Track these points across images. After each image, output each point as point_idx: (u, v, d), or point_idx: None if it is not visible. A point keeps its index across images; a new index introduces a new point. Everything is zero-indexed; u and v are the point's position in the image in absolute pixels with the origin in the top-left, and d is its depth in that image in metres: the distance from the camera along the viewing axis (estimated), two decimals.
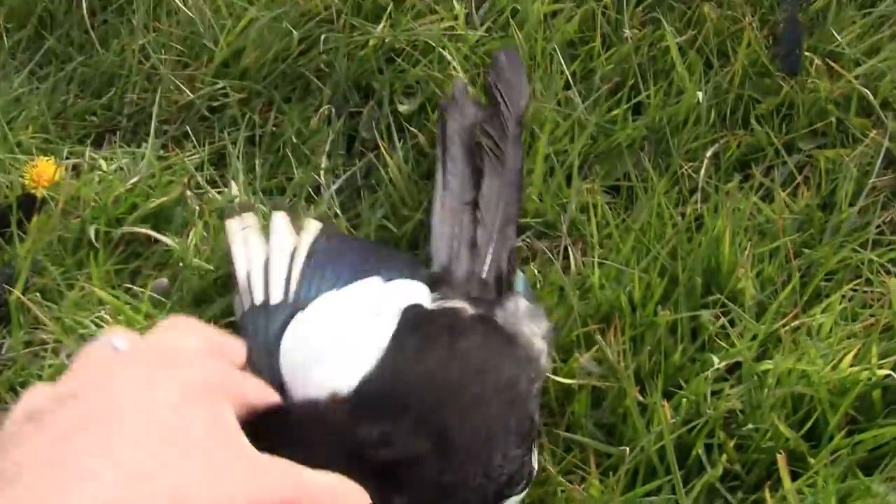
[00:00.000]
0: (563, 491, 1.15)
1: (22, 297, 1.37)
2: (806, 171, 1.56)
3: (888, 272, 1.42)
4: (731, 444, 1.20)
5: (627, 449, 1.18)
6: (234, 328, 1.27)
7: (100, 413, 0.68)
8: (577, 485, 1.16)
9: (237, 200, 1.53)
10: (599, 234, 1.44)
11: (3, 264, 1.47)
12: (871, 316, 1.34)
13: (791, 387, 1.23)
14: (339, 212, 1.53)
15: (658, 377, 1.26)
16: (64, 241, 1.51)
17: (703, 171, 1.53)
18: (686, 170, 1.54)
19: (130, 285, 1.42)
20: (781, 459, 1.14)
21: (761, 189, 1.53)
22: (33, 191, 1.55)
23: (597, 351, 1.29)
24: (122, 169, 1.62)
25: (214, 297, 1.39)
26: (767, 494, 1.13)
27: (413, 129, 1.58)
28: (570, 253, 1.42)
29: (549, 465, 1.18)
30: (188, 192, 1.54)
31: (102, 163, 1.63)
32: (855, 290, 1.39)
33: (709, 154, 1.56)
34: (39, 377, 1.30)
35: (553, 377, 1.26)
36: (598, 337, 1.29)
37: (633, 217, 1.46)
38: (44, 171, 1.58)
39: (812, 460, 1.18)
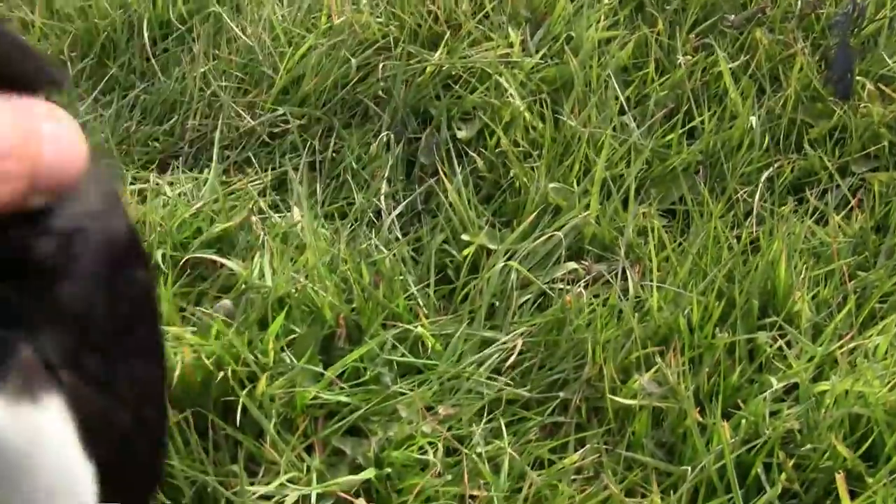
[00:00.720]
0: None
1: None
2: (859, 194, 1.59)
3: None
4: (790, 463, 1.22)
5: (689, 468, 1.20)
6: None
7: None
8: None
9: (300, 226, 1.56)
10: (657, 257, 1.46)
11: None
12: None
13: (848, 408, 1.25)
14: (399, 235, 1.55)
15: (717, 398, 1.28)
16: None
17: (757, 195, 1.56)
18: (741, 194, 1.56)
19: (196, 309, 1.44)
20: (840, 479, 1.16)
21: (815, 213, 1.55)
22: None
23: (656, 372, 1.31)
24: (185, 194, 1.65)
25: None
26: None
27: (472, 153, 1.61)
28: (629, 276, 1.44)
29: (612, 484, 1.20)
30: (253, 217, 1.57)
31: (167, 188, 1.66)
32: None
33: (763, 178, 1.58)
34: None
35: (613, 398, 1.29)
36: (658, 358, 1.31)
37: (690, 241, 1.49)
38: None
39: (870, 480, 1.19)
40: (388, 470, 1.24)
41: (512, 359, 1.36)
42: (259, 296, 1.44)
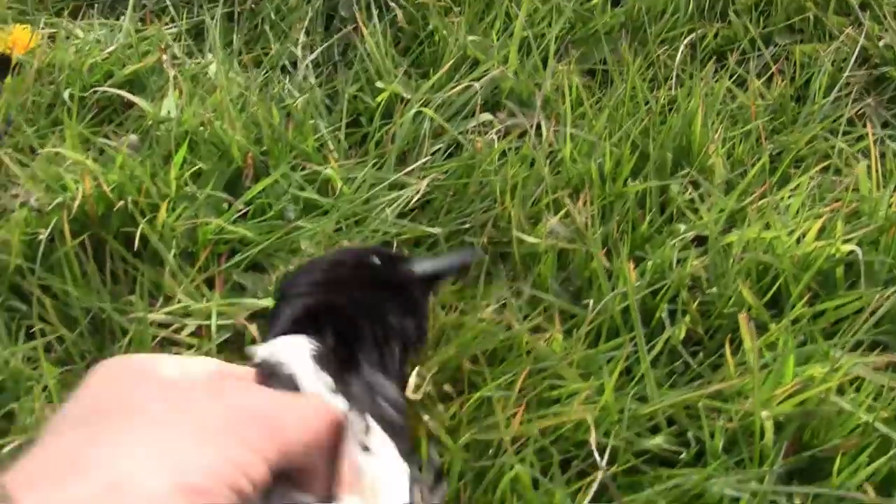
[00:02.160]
0: (527, 343, 1.15)
1: None
2: (781, 63, 1.57)
3: (857, 161, 1.42)
4: (695, 305, 1.21)
5: (592, 301, 1.18)
6: None
7: None
8: (541, 341, 1.16)
9: (212, 68, 1.53)
10: (573, 112, 1.44)
11: None
12: (837, 200, 1.35)
13: (756, 253, 1.23)
14: (313, 83, 1.53)
15: (624, 245, 1.27)
16: (38, 105, 1.50)
17: (678, 59, 1.54)
18: (662, 57, 1.55)
19: (102, 144, 1.41)
20: (743, 318, 1.14)
21: (735, 78, 1.54)
22: (8, 53, 1.55)
23: (565, 217, 1.29)
24: (99, 41, 1.61)
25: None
26: (728, 352, 1.13)
27: (392, 4, 1.58)
28: (543, 128, 1.42)
29: (515, 321, 1.18)
30: (164, 58, 1.53)
31: (79, 32, 1.63)
32: (823, 174, 1.40)
33: (685, 42, 1.56)
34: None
35: (521, 236, 1.27)
36: (567, 200, 1.29)
37: (608, 96, 1.47)
38: (19, 38, 1.59)
39: (774, 326, 1.18)
40: None
41: (418, 199, 1.34)
42: (165, 131, 1.41)
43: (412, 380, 1.07)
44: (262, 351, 0.86)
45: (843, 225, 1.27)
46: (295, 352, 0.85)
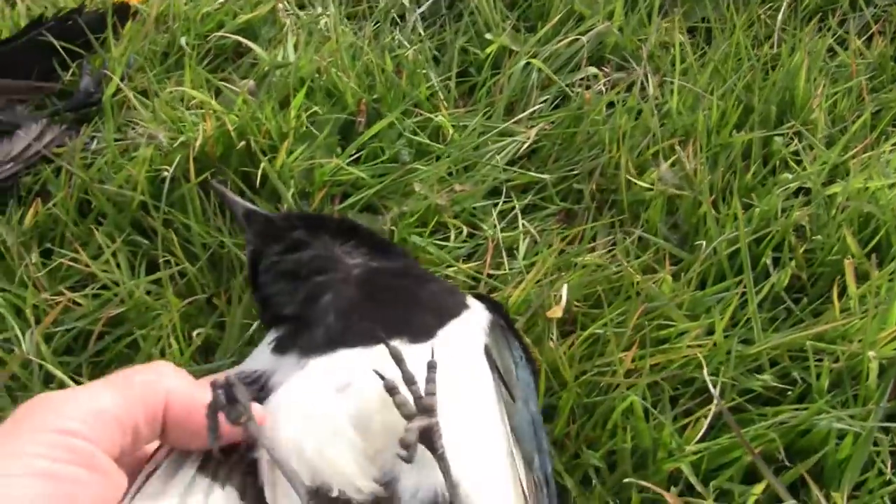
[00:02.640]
0: (637, 283, 1.19)
1: (122, 84, 1.42)
2: (881, 24, 1.60)
3: None
4: (801, 250, 1.24)
5: (704, 243, 1.21)
6: None
7: None
8: (650, 282, 1.20)
9: (324, 20, 1.57)
10: (678, 66, 1.47)
11: (99, 66, 1.52)
12: None
13: (859, 203, 1.26)
14: (423, 35, 1.57)
15: (731, 194, 1.30)
16: (154, 53, 1.55)
17: (780, 17, 1.57)
18: (763, 15, 1.57)
19: (221, 86, 1.46)
20: (849, 264, 1.18)
21: (836, 37, 1.56)
22: (126, 1, 1.60)
23: (673, 165, 1.33)
24: None
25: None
26: (835, 296, 1.17)
27: None
28: (649, 81, 1.46)
29: (625, 261, 1.22)
30: (280, 6, 1.58)
31: None
32: None
33: (787, 1, 1.59)
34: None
35: (632, 179, 1.31)
36: (678, 148, 1.33)
37: (711, 51, 1.50)
38: None
39: (876, 273, 1.21)
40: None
41: (527, 148, 1.38)
42: (282, 77, 1.46)
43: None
44: None
45: None
46: None
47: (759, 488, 1.00)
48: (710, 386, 1.04)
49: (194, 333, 1.15)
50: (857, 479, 1.02)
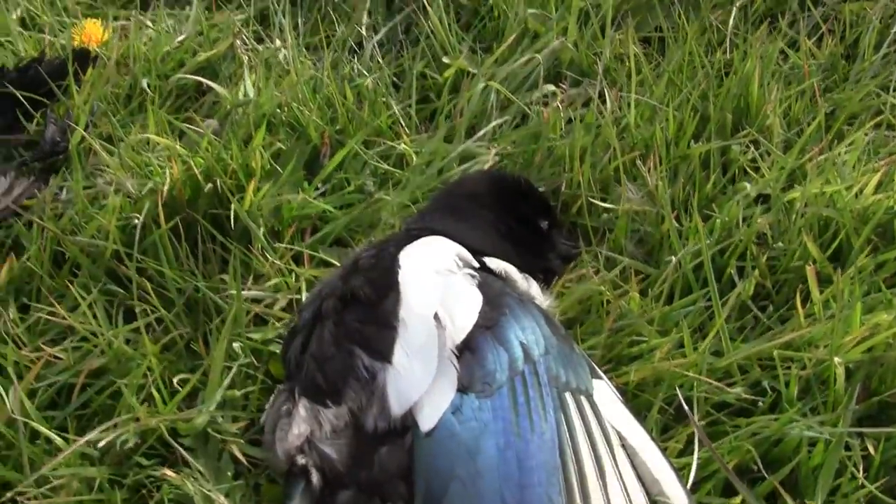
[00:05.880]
0: (607, 301, 1.21)
1: (86, 134, 1.44)
2: (830, 23, 1.62)
3: None
4: (763, 258, 1.26)
5: (674, 259, 1.24)
6: None
7: None
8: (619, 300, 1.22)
9: (283, 53, 1.59)
10: (634, 78, 1.49)
11: (63, 115, 1.53)
12: (892, 154, 1.40)
13: (818, 208, 1.29)
14: (381, 62, 1.59)
15: (692, 205, 1.32)
16: (117, 97, 1.57)
17: (731, 22, 1.59)
18: (715, 20, 1.60)
19: (185, 129, 1.47)
20: (811, 270, 1.20)
21: (787, 39, 1.59)
22: (86, 46, 1.62)
23: (635, 180, 1.35)
24: (168, 31, 1.68)
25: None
26: (799, 303, 1.19)
27: None
28: (606, 96, 1.48)
29: (594, 277, 1.24)
30: (238, 42, 1.60)
31: (149, 23, 1.69)
32: (877, 130, 1.45)
33: (737, 5, 1.61)
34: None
35: (595, 201, 1.33)
36: (639, 162, 1.36)
37: (666, 61, 1.53)
38: (92, 32, 1.65)
39: (838, 278, 1.24)
40: None
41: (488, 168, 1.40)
42: (244, 114, 1.48)
43: None
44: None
45: None
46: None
47: (737, 501, 1.02)
48: (685, 404, 1.07)
49: (175, 380, 1.17)
50: (830, 485, 1.05)
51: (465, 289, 1.03)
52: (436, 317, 0.99)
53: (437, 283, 1.03)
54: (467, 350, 0.97)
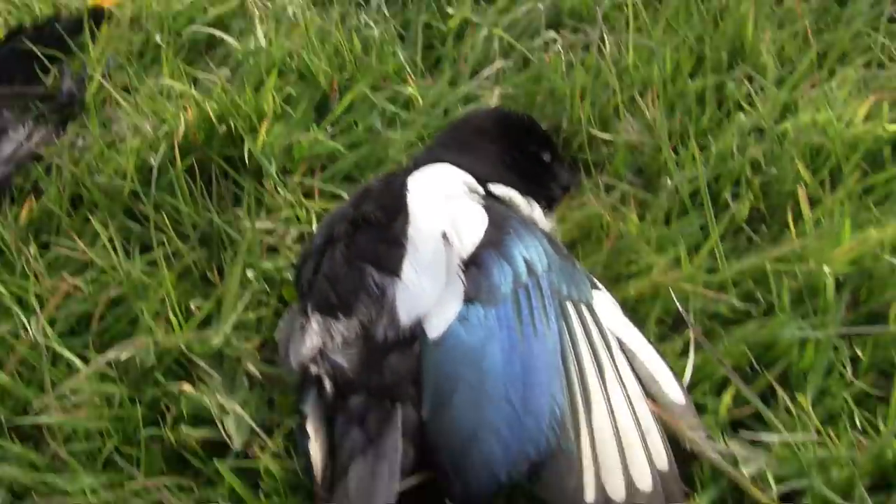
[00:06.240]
0: (607, 224, 1.25)
1: (104, 81, 1.49)
2: None
3: None
4: (756, 181, 1.30)
5: (667, 179, 1.28)
6: None
7: None
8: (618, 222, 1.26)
9: (291, 10, 1.64)
10: (633, 24, 1.54)
11: (79, 69, 1.58)
12: (881, 89, 1.44)
13: (810, 136, 1.33)
14: (387, 14, 1.64)
15: (689, 137, 1.36)
16: (130, 52, 1.62)
17: None
18: None
19: (199, 76, 1.52)
20: (802, 191, 1.25)
21: None
22: (100, 4, 1.67)
23: (634, 115, 1.40)
24: None
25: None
26: (791, 221, 1.23)
27: None
28: (605, 39, 1.52)
29: (594, 199, 1.28)
30: None
31: None
32: (867, 68, 1.49)
33: None
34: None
35: (595, 133, 1.38)
36: (637, 97, 1.40)
37: (663, 7, 1.57)
38: None
39: (828, 198, 1.28)
40: None
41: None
42: (255, 64, 1.53)
43: None
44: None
45: (888, 108, 1.36)
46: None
47: (727, 397, 1.07)
48: (682, 312, 1.11)
49: (192, 306, 1.21)
50: (820, 382, 1.09)
51: (472, 210, 1.08)
52: (443, 235, 1.04)
53: (444, 205, 1.08)
54: (473, 265, 1.02)
